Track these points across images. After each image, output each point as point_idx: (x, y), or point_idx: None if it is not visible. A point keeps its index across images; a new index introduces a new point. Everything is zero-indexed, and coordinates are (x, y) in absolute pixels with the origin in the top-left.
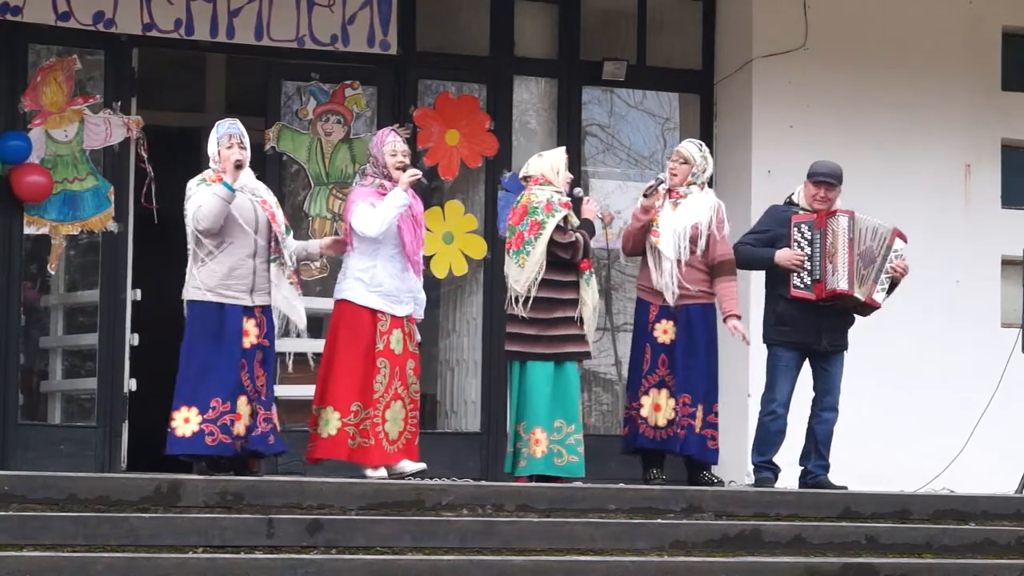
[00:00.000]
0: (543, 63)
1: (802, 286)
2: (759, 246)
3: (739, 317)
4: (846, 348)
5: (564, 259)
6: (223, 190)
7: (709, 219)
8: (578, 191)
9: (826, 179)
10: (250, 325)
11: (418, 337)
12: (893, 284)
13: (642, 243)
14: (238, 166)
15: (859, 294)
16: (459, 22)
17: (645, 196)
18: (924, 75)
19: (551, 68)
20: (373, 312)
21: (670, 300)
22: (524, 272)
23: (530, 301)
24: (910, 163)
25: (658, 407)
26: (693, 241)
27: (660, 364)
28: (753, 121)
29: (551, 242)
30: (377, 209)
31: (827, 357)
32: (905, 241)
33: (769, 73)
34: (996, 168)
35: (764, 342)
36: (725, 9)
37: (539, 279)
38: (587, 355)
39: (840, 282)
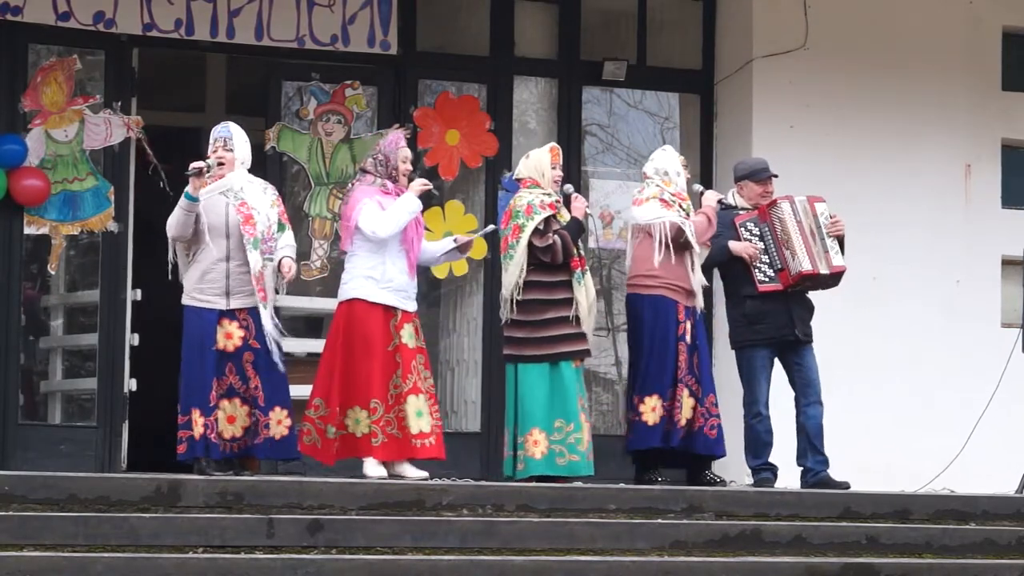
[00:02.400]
0: (543, 63)
1: (767, 279)
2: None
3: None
4: (812, 339)
5: (548, 261)
6: (183, 200)
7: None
8: (567, 188)
9: (771, 174)
10: (232, 328)
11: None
12: (840, 244)
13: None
14: (192, 172)
15: (823, 269)
16: (459, 22)
17: (721, 204)
18: (924, 75)
19: (551, 68)
20: (386, 309)
21: (701, 301)
22: (508, 276)
23: (514, 305)
24: (910, 163)
25: (682, 406)
26: None
27: (687, 364)
28: (753, 121)
29: (532, 246)
30: (389, 212)
31: (798, 352)
32: (823, 202)
33: (769, 73)
34: (996, 168)
35: (733, 347)
36: (725, 9)
37: (522, 283)
38: (586, 353)
39: (803, 263)
